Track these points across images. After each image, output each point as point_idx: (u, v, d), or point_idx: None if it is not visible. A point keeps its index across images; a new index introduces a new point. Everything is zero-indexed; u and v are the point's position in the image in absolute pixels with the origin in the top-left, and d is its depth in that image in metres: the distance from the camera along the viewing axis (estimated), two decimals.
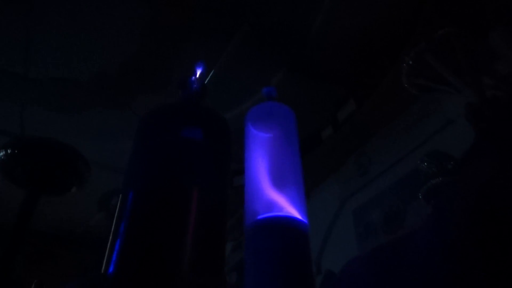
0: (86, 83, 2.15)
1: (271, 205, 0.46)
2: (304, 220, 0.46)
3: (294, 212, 0.46)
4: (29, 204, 1.02)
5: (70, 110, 2.28)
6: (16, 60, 2.03)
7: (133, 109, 2.26)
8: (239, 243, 2.73)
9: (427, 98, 1.85)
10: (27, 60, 2.03)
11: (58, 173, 1.05)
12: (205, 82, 0.61)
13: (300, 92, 2.14)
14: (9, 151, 1.01)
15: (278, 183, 0.48)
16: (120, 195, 0.48)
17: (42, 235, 2.93)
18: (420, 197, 1.43)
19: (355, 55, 2.03)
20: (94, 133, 2.38)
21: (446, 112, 1.82)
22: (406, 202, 1.87)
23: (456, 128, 1.73)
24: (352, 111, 2.15)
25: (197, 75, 0.60)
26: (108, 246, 0.43)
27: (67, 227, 3.02)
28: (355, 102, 2.15)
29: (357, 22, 1.89)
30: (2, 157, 1.03)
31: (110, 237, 0.44)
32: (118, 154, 2.28)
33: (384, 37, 1.92)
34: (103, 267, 0.42)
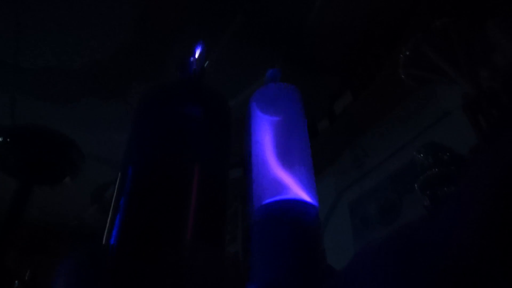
0: (79, 73, 2.11)
1: (280, 187, 0.45)
2: (315, 202, 0.45)
3: (304, 195, 0.44)
4: (21, 193, 1.00)
5: (63, 101, 2.25)
6: (6, 49, 1.99)
7: (128, 101, 2.23)
8: (234, 236, 2.73)
9: (424, 89, 1.85)
10: (18, 49, 1.99)
11: (51, 161, 1.02)
12: (203, 64, 0.59)
13: (296, 84, 2.12)
14: (0, 139, 0.99)
15: (287, 165, 0.46)
16: (120, 172, 0.47)
17: (35, 228, 2.90)
18: (416, 188, 1.42)
19: (352, 47, 2.02)
20: (87, 125, 2.35)
21: (442, 104, 1.82)
22: (402, 194, 1.88)
23: (452, 120, 1.73)
24: (349, 103, 2.14)
25: (196, 56, 0.59)
26: (108, 220, 0.42)
27: (61, 220, 2.99)
28: (352, 94, 2.14)
29: (354, 13, 1.88)
30: None
31: (111, 212, 0.43)
32: (112, 146, 2.26)
33: (380, 28, 1.91)
34: (104, 240, 0.41)
